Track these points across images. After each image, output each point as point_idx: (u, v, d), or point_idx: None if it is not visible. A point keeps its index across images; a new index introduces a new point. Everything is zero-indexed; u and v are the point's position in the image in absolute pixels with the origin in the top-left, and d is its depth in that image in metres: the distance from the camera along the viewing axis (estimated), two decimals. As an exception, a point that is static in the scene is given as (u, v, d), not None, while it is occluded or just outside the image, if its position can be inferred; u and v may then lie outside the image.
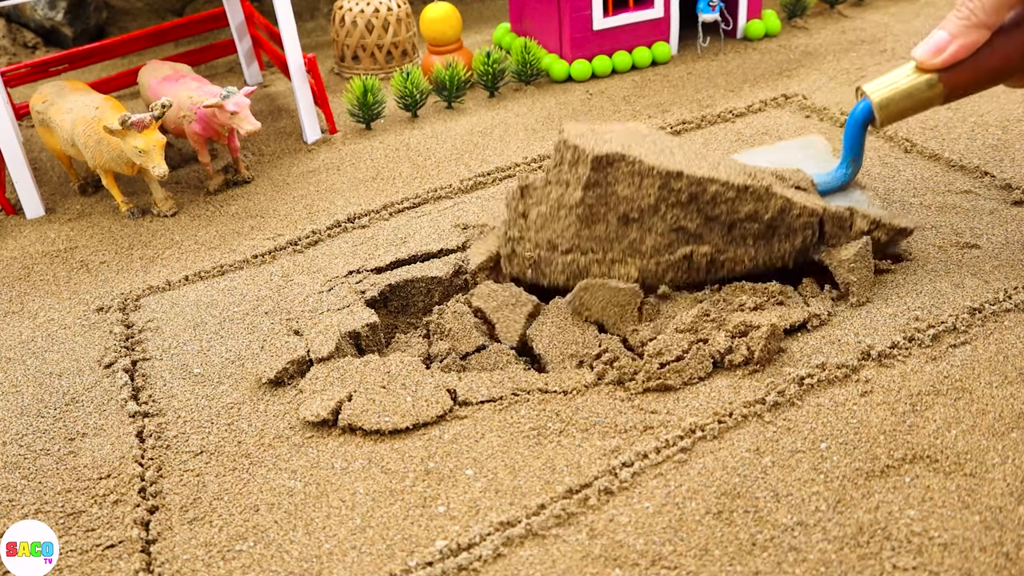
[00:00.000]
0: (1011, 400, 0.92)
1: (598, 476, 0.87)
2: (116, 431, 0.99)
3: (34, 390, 1.07)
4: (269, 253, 1.32)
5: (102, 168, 1.44)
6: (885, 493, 0.83)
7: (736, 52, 1.97)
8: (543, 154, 1.53)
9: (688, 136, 1.57)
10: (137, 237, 1.42)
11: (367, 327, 1.11)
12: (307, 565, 0.81)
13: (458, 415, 0.97)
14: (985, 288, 1.09)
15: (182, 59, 1.95)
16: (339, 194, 1.47)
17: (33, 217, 1.51)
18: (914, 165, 1.41)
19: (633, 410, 0.95)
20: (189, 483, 0.92)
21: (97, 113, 1.41)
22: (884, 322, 1.04)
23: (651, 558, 0.78)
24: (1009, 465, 0.84)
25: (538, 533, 0.82)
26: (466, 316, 1.13)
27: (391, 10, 1.97)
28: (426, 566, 0.79)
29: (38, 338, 1.18)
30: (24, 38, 2.35)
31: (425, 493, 0.87)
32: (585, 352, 1.05)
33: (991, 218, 1.23)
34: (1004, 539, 0.77)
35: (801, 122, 1.60)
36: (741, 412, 0.93)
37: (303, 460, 0.93)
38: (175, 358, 1.11)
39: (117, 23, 2.47)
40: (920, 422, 0.90)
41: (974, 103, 1.60)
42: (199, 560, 0.83)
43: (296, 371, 1.05)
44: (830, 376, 0.97)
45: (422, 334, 1.16)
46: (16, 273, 1.35)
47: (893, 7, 2.18)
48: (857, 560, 0.77)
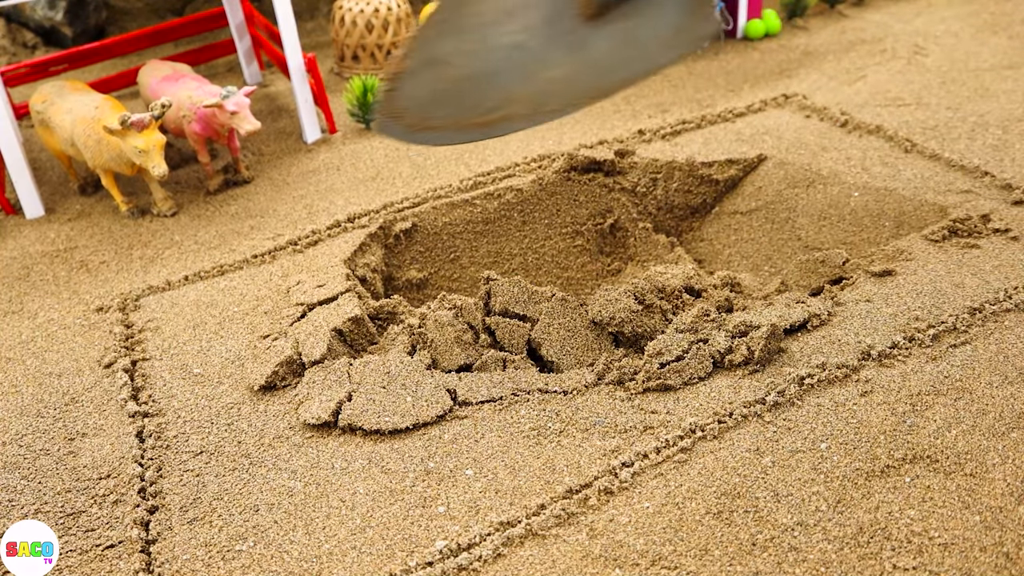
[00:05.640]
0: (1011, 400, 0.92)
1: (598, 476, 0.87)
2: (116, 431, 0.99)
3: (34, 390, 1.07)
4: (269, 253, 1.32)
5: (102, 168, 1.44)
6: (885, 493, 0.83)
7: (736, 52, 1.97)
8: (543, 154, 1.53)
9: (688, 136, 1.57)
10: (137, 237, 1.42)
11: (349, 321, 1.09)
12: (307, 565, 0.81)
13: (458, 415, 0.97)
14: (985, 288, 1.09)
15: (182, 59, 1.95)
16: (339, 194, 1.47)
17: (33, 217, 1.51)
18: (914, 165, 1.41)
19: (633, 410, 0.95)
20: (189, 483, 0.92)
21: (97, 113, 1.41)
22: (884, 322, 1.04)
23: (651, 558, 0.78)
24: (1009, 465, 0.85)
25: (538, 533, 0.82)
26: (447, 327, 1.09)
27: (391, 10, 1.97)
28: (426, 566, 0.79)
29: (38, 338, 1.18)
30: (24, 38, 2.34)
31: (425, 493, 0.87)
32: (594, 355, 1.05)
33: (991, 218, 1.23)
34: (1004, 539, 0.77)
35: (801, 122, 1.60)
36: (741, 412, 0.93)
37: (303, 460, 0.93)
38: (175, 358, 1.11)
39: (117, 23, 2.47)
40: (920, 422, 0.90)
41: (974, 103, 1.60)
42: (199, 560, 0.83)
43: (287, 372, 1.04)
44: (830, 376, 0.97)
45: (408, 334, 1.15)
46: (16, 273, 1.35)
47: (893, 7, 2.18)
48: (857, 560, 0.77)
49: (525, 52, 1.04)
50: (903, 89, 1.69)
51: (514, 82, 1.06)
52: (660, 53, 1.12)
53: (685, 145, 1.53)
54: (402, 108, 1.03)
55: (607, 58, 1.09)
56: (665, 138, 1.57)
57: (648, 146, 1.54)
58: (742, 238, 1.43)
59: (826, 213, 1.37)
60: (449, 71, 1.03)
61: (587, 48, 1.08)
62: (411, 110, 1.04)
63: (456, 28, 1.02)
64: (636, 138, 1.57)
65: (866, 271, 1.14)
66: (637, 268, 1.43)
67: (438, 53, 1.02)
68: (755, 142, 1.53)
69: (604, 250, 1.47)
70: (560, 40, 1.06)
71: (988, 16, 2.05)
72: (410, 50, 1.00)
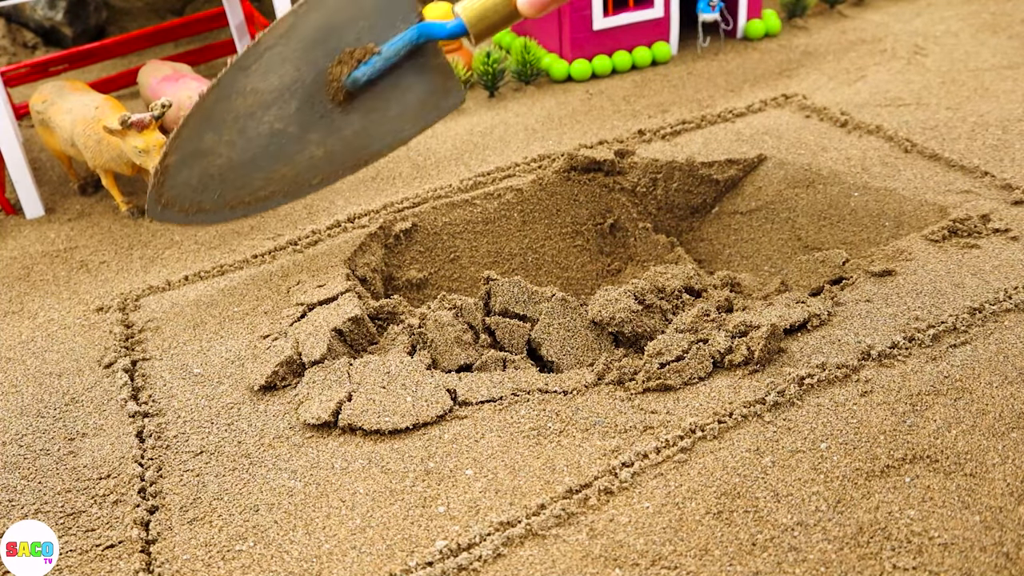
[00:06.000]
0: (1011, 400, 0.92)
1: (598, 476, 0.87)
2: (116, 431, 0.99)
3: (34, 390, 1.07)
4: (269, 253, 1.32)
5: (102, 168, 1.44)
6: (885, 493, 0.83)
7: (736, 52, 1.97)
8: (543, 154, 1.53)
9: (688, 136, 1.57)
10: (137, 237, 1.42)
11: (349, 321, 1.10)
12: (307, 565, 0.81)
13: (458, 415, 0.97)
14: (985, 288, 1.09)
15: (182, 59, 1.95)
16: (339, 194, 1.47)
17: (33, 217, 1.51)
18: (914, 165, 1.41)
19: (633, 410, 0.95)
20: (189, 483, 0.92)
21: (97, 113, 1.41)
22: (884, 322, 1.04)
23: (651, 558, 0.78)
24: (1009, 465, 0.85)
25: (538, 533, 0.82)
26: (447, 327, 1.09)
27: (391, 10, 1.96)
28: (426, 566, 0.79)
29: (38, 338, 1.18)
30: (24, 38, 2.35)
31: (425, 493, 0.87)
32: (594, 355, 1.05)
33: (991, 218, 1.23)
34: (1004, 539, 0.77)
35: (801, 122, 1.60)
36: (741, 412, 0.93)
37: (303, 460, 0.93)
38: (175, 358, 1.11)
39: (117, 23, 2.47)
40: (920, 422, 0.90)
41: (974, 103, 1.60)
42: (199, 560, 0.83)
43: (287, 372, 1.04)
44: (830, 376, 0.97)
45: (408, 334, 1.15)
46: (16, 273, 1.35)
47: (893, 7, 2.18)
48: (857, 560, 0.77)
49: (284, 137, 1.20)
50: (903, 89, 1.69)
51: (277, 163, 1.21)
52: (408, 126, 1.27)
53: (685, 145, 1.53)
54: (173, 197, 1.17)
55: (360, 136, 1.25)
56: (665, 138, 1.57)
57: (648, 146, 1.54)
58: (742, 238, 1.43)
59: (826, 213, 1.37)
60: (214, 160, 1.17)
61: (341, 129, 1.23)
62: (182, 197, 1.18)
63: (216, 122, 1.16)
64: (636, 138, 1.57)
65: (866, 271, 1.14)
66: (637, 268, 1.43)
67: (201, 146, 1.16)
68: (755, 142, 1.53)
69: (604, 250, 1.47)
70: (316, 124, 1.21)
71: (988, 16, 2.05)
72: (172, 147, 1.14)
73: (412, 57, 1.22)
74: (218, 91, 1.15)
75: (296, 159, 1.22)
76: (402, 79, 1.24)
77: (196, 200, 1.18)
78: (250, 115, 1.17)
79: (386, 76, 1.22)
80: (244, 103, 1.17)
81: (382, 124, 1.26)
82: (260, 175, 1.21)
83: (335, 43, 1.20)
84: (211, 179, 1.18)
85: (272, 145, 1.20)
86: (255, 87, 1.17)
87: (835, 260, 1.19)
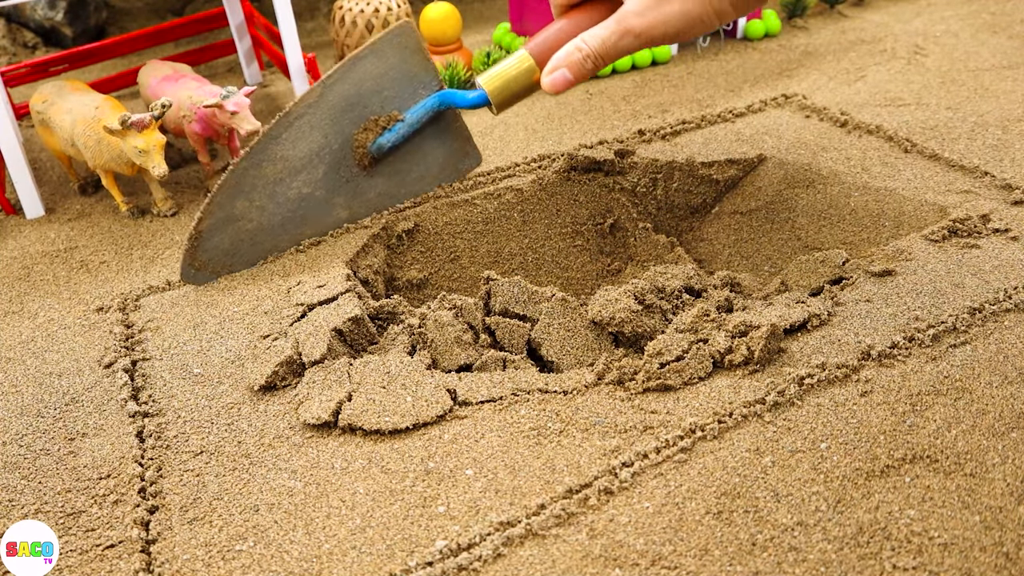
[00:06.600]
0: (1011, 400, 0.92)
1: (598, 476, 0.87)
2: (116, 431, 0.99)
3: (34, 390, 1.07)
4: (269, 253, 1.32)
5: (102, 168, 1.44)
6: (885, 493, 0.83)
7: (736, 52, 1.97)
8: (543, 154, 1.53)
9: (688, 136, 1.57)
10: (137, 237, 1.42)
11: (349, 321, 1.10)
12: (307, 565, 0.81)
13: (458, 415, 0.97)
14: (985, 288, 1.09)
15: (182, 59, 1.95)
16: (339, 194, 1.47)
17: (33, 217, 1.51)
18: (914, 165, 1.41)
19: (633, 410, 0.95)
20: (189, 483, 0.92)
21: (97, 113, 1.41)
22: (884, 322, 1.04)
23: (651, 558, 0.78)
24: (1009, 465, 0.85)
25: (538, 533, 0.82)
26: (447, 327, 1.09)
27: (391, 10, 1.97)
28: (426, 566, 0.79)
29: (38, 338, 1.18)
30: (24, 38, 2.35)
31: (425, 493, 0.87)
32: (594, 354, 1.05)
33: (991, 218, 1.23)
34: (1004, 539, 0.77)
35: (801, 122, 1.60)
36: (741, 412, 0.93)
37: (303, 460, 0.93)
38: (175, 358, 1.11)
39: (117, 23, 2.47)
40: (920, 422, 0.90)
41: (974, 103, 1.60)
42: (199, 560, 0.83)
43: (287, 372, 1.04)
44: (830, 376, 0.97)
45: (408, 334, 1.15)
46: (16, 273, 1.35)
47: (893, 7, 2.18)
48: (857, 560, 0.77)
49: (312, 200, 1.29)
50: (903, 89, 1.69)
51: (304, 225, 1.30)
52: (426, 185, 1.39)
53: (685, 145, 1.53)
54: (206, 261, 1.24)
55: (382, 196, 1.35)
56: (665, 138, 1.57)
57: (648, 146, 1.54)
58: (742, 238, 1.43)
59: (826, 213, 1.37)
60: (244, 224, 1.26)
61: (365, 192, 1.33)
62: (214, 261, 1.25)
63: (247, 189, 1.24)
64: (636, 138, 1.57)
65: (866, 271, 1.14)
66: (637, 268, 1.43)
67: (233, 212, 1.25)
68: (755, 142, 1.53)
69: (604, 250, 1.47)
70: (342, 188, 1.30)
71: (988, 16, 2.05)
72: (206, 213, 1.23)
73: (433, 122, 1.31)
74: (249, 159, 1.24)
75: (323, 221, 1.30)
76: (423, 143, 1.34)
77: (228, 263, 1.26)
78: (279, 181, 1.25)
79: (408, 140, 1.30)
80: (274, 170, 1.24)
81: (403, 185, 1.36)
82: (288, 236, 1.29)
83: (361, 111, 1.28)
84: (241, 243, 1.25)
85: (300, 208, 1.27)
86: (284, 155, 1.25)
87: (835, 260, 1.19)
